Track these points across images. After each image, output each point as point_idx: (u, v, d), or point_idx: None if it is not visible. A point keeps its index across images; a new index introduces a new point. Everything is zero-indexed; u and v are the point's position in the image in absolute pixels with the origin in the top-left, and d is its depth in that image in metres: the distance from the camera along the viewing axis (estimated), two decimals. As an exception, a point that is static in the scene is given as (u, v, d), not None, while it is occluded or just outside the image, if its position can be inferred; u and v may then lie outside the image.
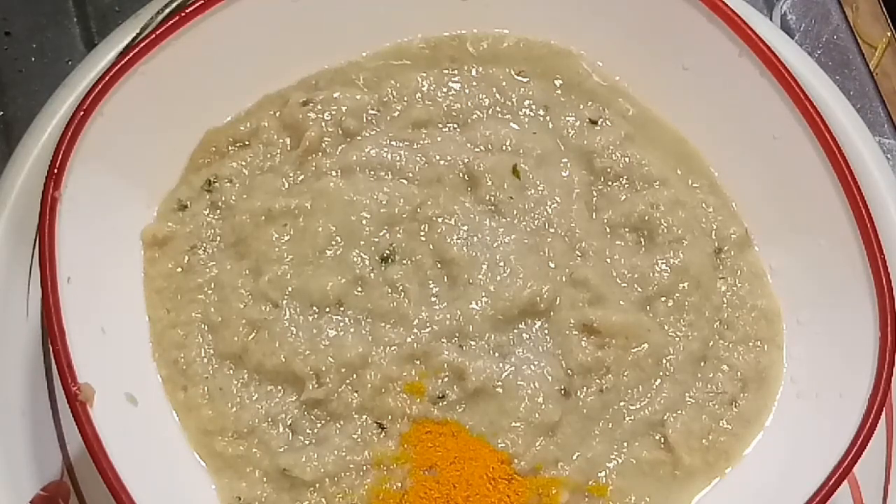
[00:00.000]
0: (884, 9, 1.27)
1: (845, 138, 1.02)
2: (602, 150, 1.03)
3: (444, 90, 1.06)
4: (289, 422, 0.94)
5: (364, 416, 0.94)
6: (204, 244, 1.00)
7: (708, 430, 0.97)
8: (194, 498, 0.92)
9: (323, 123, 1.02)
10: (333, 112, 1.03)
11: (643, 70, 1.07)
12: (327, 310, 0.96)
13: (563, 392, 0.95)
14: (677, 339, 0.99)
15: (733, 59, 1.00)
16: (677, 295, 1.00)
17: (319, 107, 1.03)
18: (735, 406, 0.98)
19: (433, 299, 0.97)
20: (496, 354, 0.95)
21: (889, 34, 1.26)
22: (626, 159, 1.03)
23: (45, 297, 0.86)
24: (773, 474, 0.94)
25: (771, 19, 1.21)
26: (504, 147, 1.02)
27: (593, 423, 0.96)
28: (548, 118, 1.06)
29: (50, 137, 1.01)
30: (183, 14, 0.97)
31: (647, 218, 1.01)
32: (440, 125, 1.04)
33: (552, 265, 0.98)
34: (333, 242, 0.98)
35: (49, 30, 1.17)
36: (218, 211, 1.01)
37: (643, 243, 1.02)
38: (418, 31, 1.08)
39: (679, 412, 0.96)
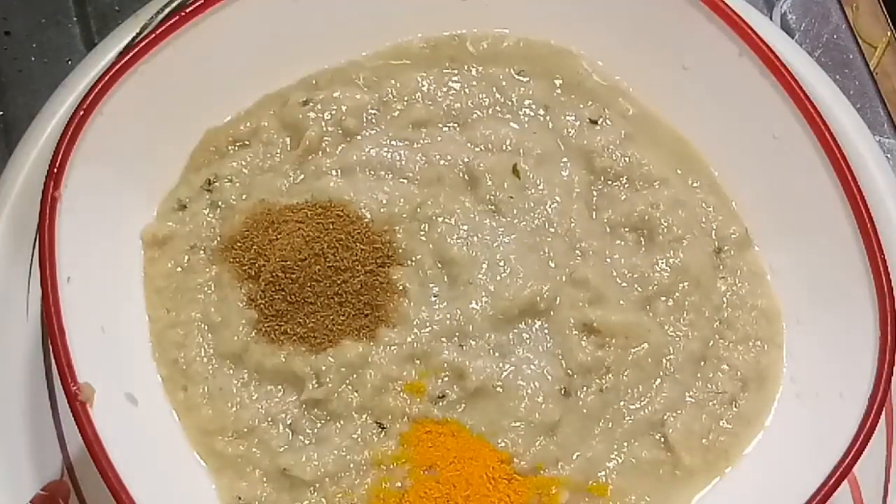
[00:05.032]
0: (884, 9, 1.27)
1: (845, 138, 1.02)
2: (602, 149, 1.03)
3: (444, 90, 1.06)
4: (289, 421, 0.94)
5: (364, 416, 0.94)
6: (204, 244, 1.00)
7: (708, 429, 0.97)
8: (194, 498, 0.92)
9: (323, 123, 1.02)
10: (333, 112, 1.03)
11: (643, 70, 1.07)
12: (327, 310, 0.96)
13: (563, 392, 0.95)
14: (677, 338, 0.99)
15: (733, 59, 1.00)
16: (677, 295, 1.00)
17: (319, 106, 1.03)
18: (735, 406, 0.98)
19: (433, 299, 0.97)
20: (496, 354, 0.95)
21: (889, 34, 1.26)
22: (626, 159, 1.03)
23: (45, 297, 0.86)
24: (773, 474, 0.94)
25: (771, 19, 1.21)
26: (504, 147, 1.03)
27: (593, 423, 0.96)
28: (548, 118, 1.06)
29: (50, 137, 1.01)
30: (183, 14, 0.97)
31: (647, 218, 1.01)
32: (440, 125, 1.04)
33: (552, 265, 0.99)
34: (333, 242, 0.98)
35: (49, 30, 1.17)
36: (218, 210, 1.01)
37: (643, 243, 1.02)
38: (418, 31, 1.08)
39: (679, 412, 0.97)
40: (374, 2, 1.05)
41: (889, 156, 1.14)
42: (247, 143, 1.04)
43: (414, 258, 0.98)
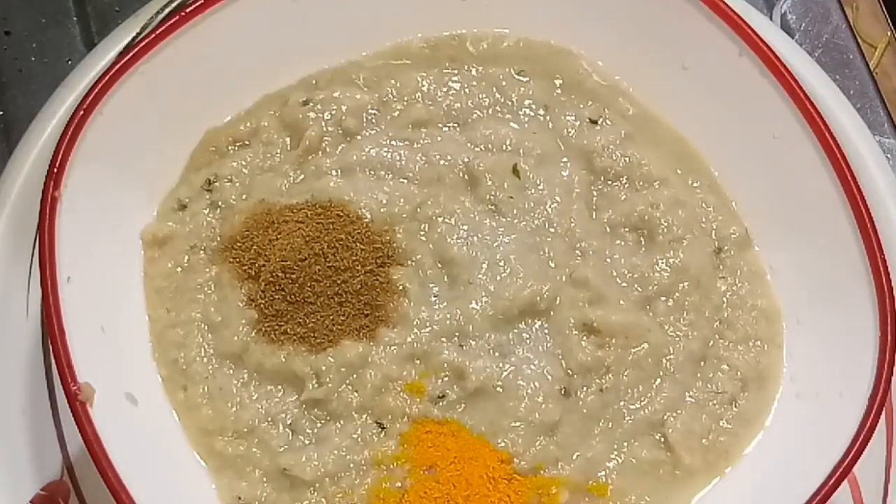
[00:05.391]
0: (884, 9, 1.27)
1: (845, 138, 1.02)
2: (602, 149, 1.03)
3: (444, 90, 1.06)
4: (289, 421, 0.94)
5: (364, 416, 0.94)
6: (204, 244, 1.00)
7: (708, 429, 0.97)
8: (194, 498, 0.92)
9: (323, 123, 1.02)
10: (333, 112, 1.03)
11: (643, 70, 1.07)
12: (327, 309, 0.96)
13: (563, 392, 0.95)
14: (677, 338, 0.99)
15: (733, 59, 1.00)
16: (677, 295, 1.00)
17: (319, 106, 1.03)
18: (735, 406, 0.98)
19: (433, 299, 0.97)
20: (496, 354, 0.95)
21: (889, 34, 1.26)
22: (626, 159, 1.03)
23: (45, 297, 0.86)
24: (773, 474, 0.94)
25: (771, 19, 1.21)
26: (504, 147, 1.03)
27: (593, 423, 0.96)
28: (548, 118, 1.06)
29: (50, 137, 1.01)
30: (183, 14, 0.97)
31: (647, 217, 1.01)
32: (440, 125, 1.04)
33: (552, 265, 0.99)
34: (333, 242, 0.98)
35: (49, 30, 1.17)
36: (218, 210, 1.01)
37: (643, 243, 1.02)
38: (418, 31, 1.08)
39: (679, 412, 0.97)
40: (374, 2, 1.05)
41: (889, 156, 1.14)
42: (247, 143, 1.04)
43: (414, 258, 0.98)
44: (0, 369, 0.97)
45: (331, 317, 0.94)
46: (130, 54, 0.95)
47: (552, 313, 0.97)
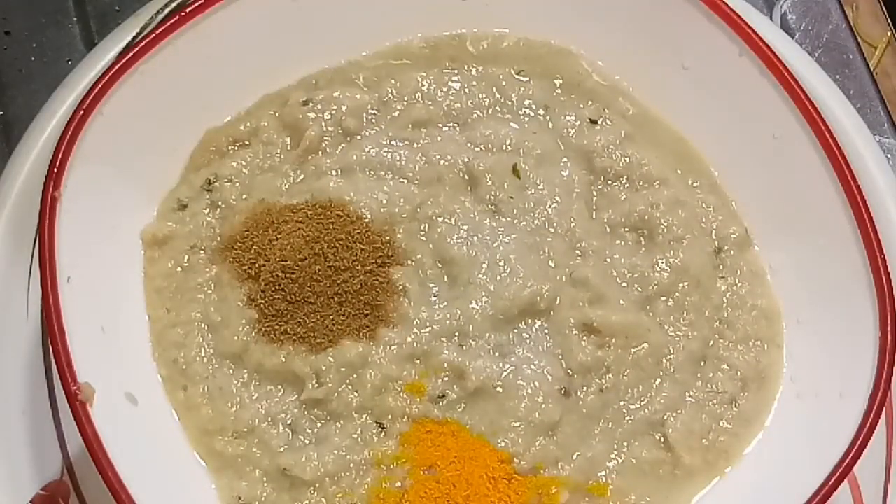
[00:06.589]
0: (884, 9, 1.27)
1: (845, 138, 1.02)
2: (602, 149, 1.03)
3: (444, 90, 1.06)
4: (289, 421, 0.94)
5: (364, 416, 0.94)
6: (204, 244, 1.00)
7: (708, 429, 0.97)
8: (194, 498, 0.92)
9: (323, 123, 1.02)
10: (333, 111, 1.03)
11: (643, 70, 1.07)
12: (327, 309, 0.96)
13: (563, 392, 0.95)
14: (677, 338, 0.99)
15: (733, 59, 1.01)
16: (677, 294, 1.00)
17: (319, 106, 1.03)
18: (735, 406, 0.98)
19: (433, 299, 0.97)
20: (496, 354, 0.95)
21: (889, 34, 1.26)
22: (626, 159, 1.03)
23: (45, 297, 0.86)
24: (773, 474, 0.94)
25: (771, 19, 1.21)
26: (504, 147, 1.03)
27: (593, 423, 0.96)
28: (548, 118, 1.06)
29: (50, 137, 1.01)
30: (183, 14, 0.97)
31: (647, 217, 1.01)
32: (440, 125, 1.04)
33: (552, 265, 0.99)
34: (333, 242, 0.98)
35: (49, 30, 1.17)
36: (218, 210, 1.01)
37: (643, 243, 1.02)
38: (418, 31, 1.08)
39: (679, 412, 0.97)
40: (374, 2, 1.05)
41: (889, 156, 1.14)
42: (247, 143, 1.04)
43: (414, 258, 0.98)
44: (0, 369, 0.97)
45: (331, 317, 0.94)
46: (130, 54, 0.95)
47: (552, 313, 0.97)
